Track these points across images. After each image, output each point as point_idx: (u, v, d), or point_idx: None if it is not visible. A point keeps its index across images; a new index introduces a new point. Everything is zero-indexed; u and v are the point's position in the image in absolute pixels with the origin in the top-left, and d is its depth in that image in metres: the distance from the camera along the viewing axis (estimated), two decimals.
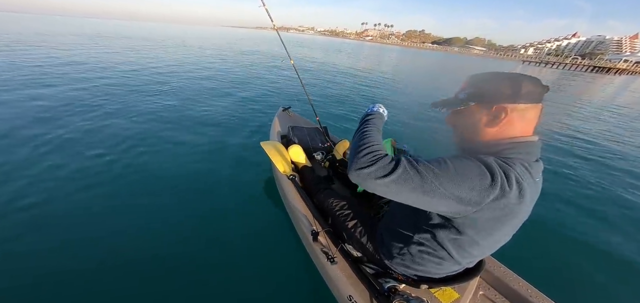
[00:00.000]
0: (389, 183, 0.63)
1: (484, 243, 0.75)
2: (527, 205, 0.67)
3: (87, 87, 4.59)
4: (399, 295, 0.93)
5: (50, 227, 1.61)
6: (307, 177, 1.62)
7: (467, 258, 0.82)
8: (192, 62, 8.75)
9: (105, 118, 3.30)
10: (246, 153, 2.79)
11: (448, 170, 0.62)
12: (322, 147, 2.09)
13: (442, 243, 0.77)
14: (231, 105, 4.47)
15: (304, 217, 1.37)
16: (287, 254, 1.60)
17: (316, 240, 1.22)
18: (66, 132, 2.80)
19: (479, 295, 1.10)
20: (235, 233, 1.72)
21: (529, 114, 0.67)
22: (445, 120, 0.81)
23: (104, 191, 1.97)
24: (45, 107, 3.46)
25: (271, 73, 8.40)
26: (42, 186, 1.93)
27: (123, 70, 6.38)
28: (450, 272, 0.89)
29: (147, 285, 1.34)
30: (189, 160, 2.51)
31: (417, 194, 0.63)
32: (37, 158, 2.26)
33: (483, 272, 0.96)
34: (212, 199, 2.02)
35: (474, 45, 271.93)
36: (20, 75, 4.99)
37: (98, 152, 2.47)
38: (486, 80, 0.71)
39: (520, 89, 0.65)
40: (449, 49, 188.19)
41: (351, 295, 1.01)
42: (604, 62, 67.66)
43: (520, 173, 0.64)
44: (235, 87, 5.88)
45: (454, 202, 0.62)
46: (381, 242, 0.98)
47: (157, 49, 11.53)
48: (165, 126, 3.25)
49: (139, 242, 1.58)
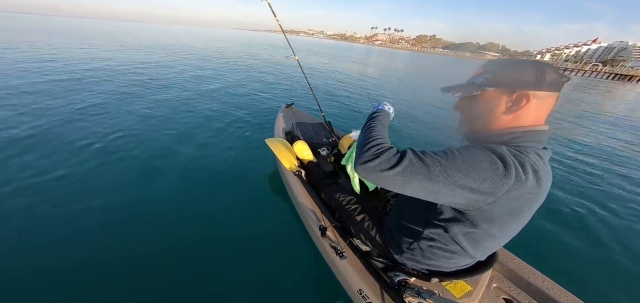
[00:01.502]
0: (394, 176, 0.61)
1: (500, 235, 0.73)
2: (544, 193, 0.65)
3: (82, 87, 4.66)
4: (409, 288, 0.91)
5: (50, 225, 1.64)
6: (313, 172, 1.61)
7: (481, 251, 0.80)
8: (194, 62, 8.80)
9: (102, 118, 3.34)
10: (251, 150, 2.79)
11: (456, 160, 0.60)
12: (327, 142, 2.07)
13: (454, 237, 0.75)
14: (234, 102, 4.48)
15: (312, 212, 1.36)
16: (296, 249, 1.60)
17: (324, 235, 1.21)
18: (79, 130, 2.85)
19: (493, 288, 1.08)
20: (242, 230, 1.73)
21: (547, 102, 0.65)
22: (454, 106, 0.78)
23: (105, 189, 1.99)
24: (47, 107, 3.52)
25: (275, 70, 8.40)
26: (42, 185, 1.97)
27: (114, 70, 6.45)
28: (462, 266, 0.87)
29: (153, 281, 1.35)
30: (193, 159, 2.52)
31: (424, 186, 0.61)
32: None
33: (496, 264, 0.94)
34: (218, 197, 2.03)
35: (487, 50, 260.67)
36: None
37: (86, 142, 2.50)
38: (507, 65, 0.68)
39: (544, 76, 0.62)
40: (460, 54, 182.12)
41: (361, 289, 1.00)
42: (627, 70, 64.20)
43: (534, 160, 0.62)
44: (238, 85, 5.89)
45: (465, 192, 0.60)
46: (390, 236, 0.97)
47: (158, 50, 11.62)
48: (167, 125, 3.26)
49: (145, 237, 1.60)
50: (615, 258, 1.79)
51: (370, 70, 12.34)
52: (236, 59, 10.73)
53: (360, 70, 11.25)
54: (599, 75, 57.23)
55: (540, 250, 1.75)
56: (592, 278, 1.62)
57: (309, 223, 1.36)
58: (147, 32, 26.43)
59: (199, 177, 2.26)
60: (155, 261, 1.46)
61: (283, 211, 1.88)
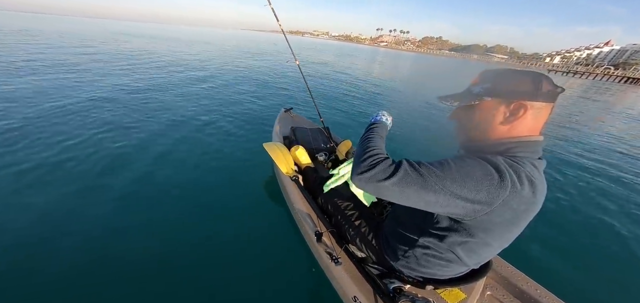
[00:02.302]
0: (391, 186, 0.62)
1: (496, 244, 0.73)
2: (539, 203, 0.66)
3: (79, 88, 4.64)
4: (404, 295, 0.92)
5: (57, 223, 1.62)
6: (310, 177, 1.61)
7: (476, 260, 0.80)
8: (197, 63, 8.81)
9: (98, 118, 3.33)
10: (248, 154, 2.79)
11: (451, 170, 0.61)
12: (325, 147, 2.08)
13: (450, 247, 0.76)
14: (232, 106, 4.48)
15: (308, 217, 1.36)
16: (291, 255, 1.59)
17: (320, 241, 1.21)
18: None
19: (487, 295, 1.09)
20: (238, 234, 1.72)
21: (543, 112, 0.66)
22: (449, 116, 0.78)
23: (100, 193, 1.98)
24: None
25: (275, 74, 8.43)
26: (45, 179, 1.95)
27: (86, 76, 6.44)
28: (457, 274, 0.88)
29: (149, 286, 1.34)
30: (189, 163, 2.51)
31: (421, 196, 0.62)
32: None
33: (490, 271, 0.94)
34: (214, 201, 2.02)
35: (495, 53, 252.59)
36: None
37: (91, 151, 2.49)
38: (504, 75, 0.69)
39: (541, 86, 0.63)
40: (467, 57, 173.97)
41: (356, 295, 1.00)
42: (639, 73, 61.15)
43: (530, 171, 0.63)
44: (237, 88, 5.90)
45: (462, 202, 0.61)
46: (386, 243, 0.97)
47: (159, 50, 11.63)
48: (163, 128, 3.25)
49: (141, 242, 1.58)
50: (613, 268, 1.80)
51: (374, 72, 12.33)
52: (235, 60, 10.77)
53: (362, 73, 11.30)
54: (610, 78, 54.76)
55: (535, 257, 1.76)
56: (589, 286, 1.63)
57: (304, 228, 1.37)
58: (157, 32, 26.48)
59: (195, 179, 2.25)
60: (148, 266, 1.44)
61: (279, 216, 1.88)
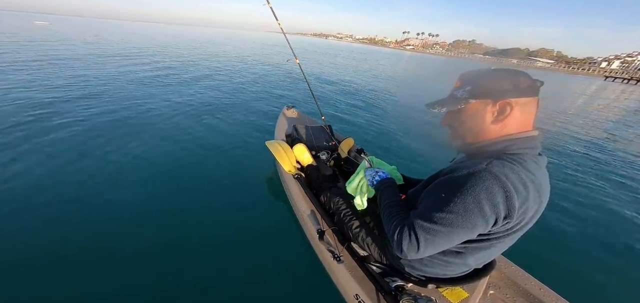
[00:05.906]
0: (424, 251, 0.68)
1: (502, 246, 0.74)
2: (544, 203, 0.66)
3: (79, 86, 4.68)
4: (406, 293, 0.92)
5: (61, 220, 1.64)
6: (312, 175, 1.61)
7: (480, 260, 0.80)
8: (200, 62, 8.84)
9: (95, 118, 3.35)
10: (250, 152, 2.80)
11: (452, 211, 0.64)
12: (327, 145, 2.08)
13: (455, 248, 0.76)
14: (235, 104, 4.49)
15: (310, 215, 1.36)
16: (293, 253, 1.60)
17: (322, 239, 1.21)
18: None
19: (489, 294, 1.08)
20: (240, 231, 1.73)
21: (529, 107, 0.66)
22: (441, 122, 0.79)
23: (103, 189, 1.99)
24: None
25: (277, 73, 8.43)
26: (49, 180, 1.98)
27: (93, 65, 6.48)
28: (459, 273, 0.87)
29: (152, 283, 1.36)
30: (192, 161, 2.52)
31: (449, 240, 0.68)
32: None
33: (493, 270, 0.94)
34: (217, 199, 2.03)
35: (539, 57, 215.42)
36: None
37: (86, 149, 2.51)
38: (484, 76, 0.69)
39: (520, 82, 0.65)
40: (504, 61, 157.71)
41: (358, 293, 1.00)
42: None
43: (533, 169, 0.63)
44: (239, 87, 5.91)
45: (476, 230, 0.65)
46: (388, 242, 0.97)
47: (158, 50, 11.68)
48: (167, 124, 3.27)
49: (142, 239, 1.60)
50: (617, 267, 1.78)
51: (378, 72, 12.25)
52: (240, 59, 10.79)
53: (368, 74, 11.24)
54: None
55: (537, 256, 1.75)
56: (592, 285, 1.62)
57: (307, 226, 1.37)
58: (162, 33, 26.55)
59: (197, 176, 2.26)
60: (149, 262, 1.46)
61: (281, 214, 1.89)
